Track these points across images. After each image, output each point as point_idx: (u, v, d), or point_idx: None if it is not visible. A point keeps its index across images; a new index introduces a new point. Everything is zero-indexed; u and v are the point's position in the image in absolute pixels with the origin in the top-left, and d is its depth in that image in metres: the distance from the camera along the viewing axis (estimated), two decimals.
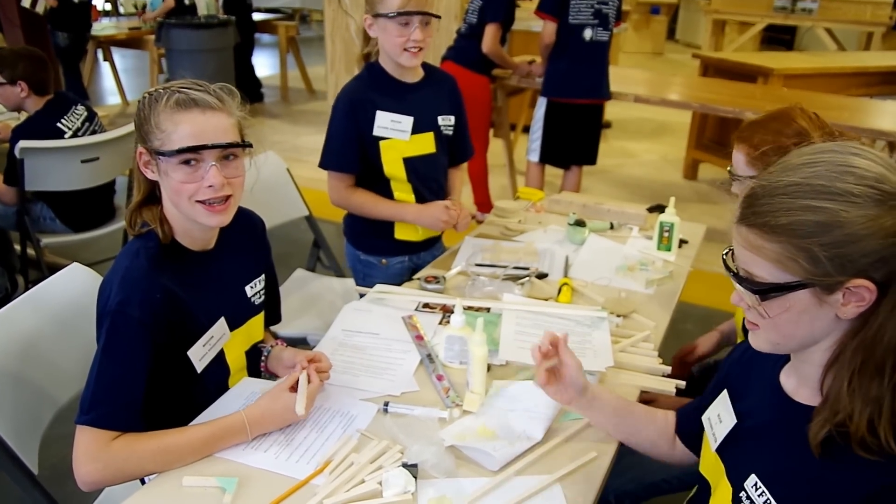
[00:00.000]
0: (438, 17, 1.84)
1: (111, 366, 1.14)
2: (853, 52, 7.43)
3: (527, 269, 1.85)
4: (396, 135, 1.90)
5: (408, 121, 1.90)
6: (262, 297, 1.44)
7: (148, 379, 1.17)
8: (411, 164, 1.94)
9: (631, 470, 1.52)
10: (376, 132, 1.89)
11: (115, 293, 1.16)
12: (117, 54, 7.34)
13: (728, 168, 1.57)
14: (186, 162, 1.17)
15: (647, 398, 1.68)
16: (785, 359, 0.97)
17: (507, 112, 4.50)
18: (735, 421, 1.02)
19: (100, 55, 7.23)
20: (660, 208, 2.21)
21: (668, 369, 1.48)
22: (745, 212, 0.86)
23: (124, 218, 1.27)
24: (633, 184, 5.02)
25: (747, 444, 0.99)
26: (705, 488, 1.09)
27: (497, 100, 4.30)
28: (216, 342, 1.30)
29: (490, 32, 3.63)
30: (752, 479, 0.93)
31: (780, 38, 9.76)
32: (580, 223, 2.09)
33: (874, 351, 0.81)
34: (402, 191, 1.97)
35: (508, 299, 1.68)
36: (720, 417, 1.06)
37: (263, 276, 1.44)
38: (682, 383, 1.44)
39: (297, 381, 1.24)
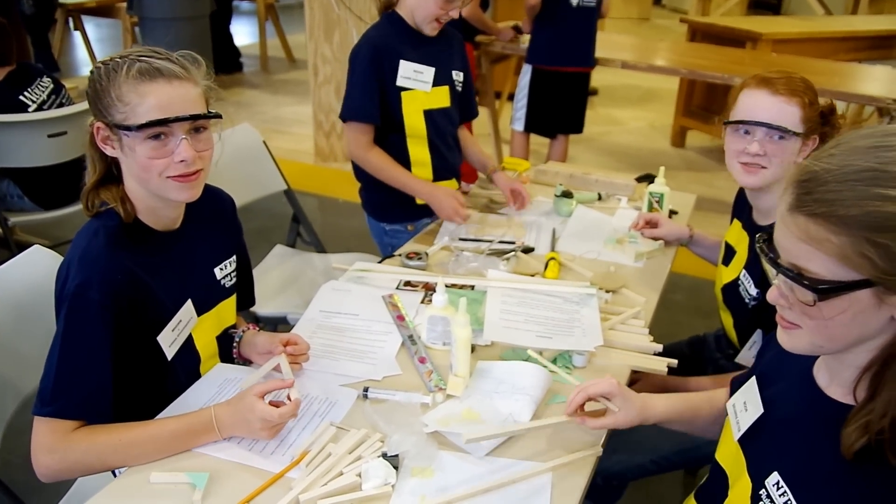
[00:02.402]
0: None
1: (72, 352, 1.07)
2: (841, 16, 7.34)
3: (512, 243, 1.79)
4: (419, 85, 1.89)
5: (430, 72, 1.89)
6: (234, 280, 1.37)
7: (114, 365, 1.10)
8: (431, 116, 1.92)
9: (616, 453, 1.48)
10: (399, 82, 1.86)
11: (73, 275, 1.08)
12: (89, 23, 7.10)
13: (773, 127, 1.38)
14: (155, 136, 1.09)
15: (633, 378, 1.63)
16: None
17: (491, 79, 4.40)
18: (762, 411, 0.95)
19: (71, 24, 7.01)
20: (649, 178, 2.15)
21: (660, 347, 1.43)
22: (805, 199, 0.75)
23: (81, 200, 1.17)
24: (620, 152, 4.95)
25: (772, 438, 0.92)
26: (719, 478, 1.02)
27: (481, 67, 4.20)
28: (184, 326, 1.22)
29: None
30: (775, 476, 0.87)
31: (767, 2, 9.64)
32: (567, 194, 2.03)
33: None
34: (419, 146, 1.94)
35: (493, 276, 1.61)
36: (746, 406, 0.99)
37: (234, 257, 1.37)
38: (675, 362, 1.40)
39: (270, 391, 1.12)
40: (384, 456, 1.06)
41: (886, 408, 0.75)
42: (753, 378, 1.01)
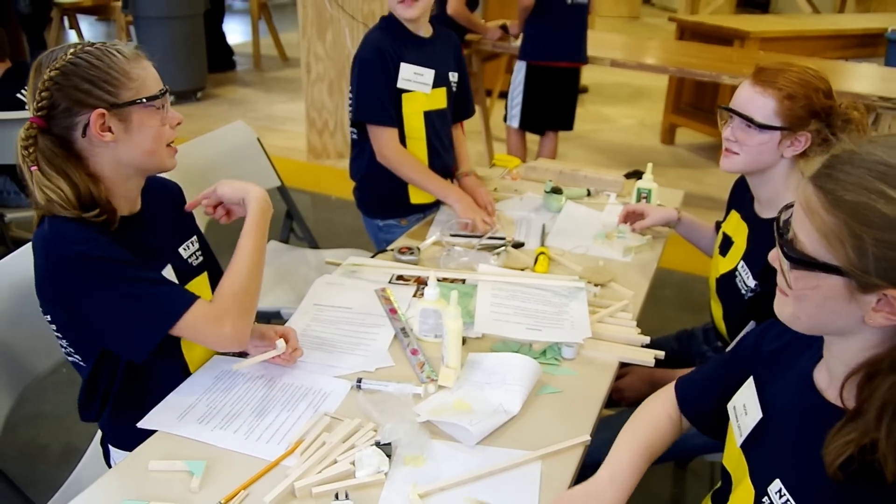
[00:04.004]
0: None
1: (125, 287, 1.11)
2: (829, 14, 7.40)
3: (503, 238, 1.82)
4: (419, 87, 1.91)
5: (429, 74, 1.91)
6: (200, 258, 1.40)
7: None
8: (430, 118, 1.96)
9: (606, 445, 1.50)
10: (400, 84, 1.89)
11: (58, 247, 1.10)
12: (84, 22, 7.10)
13: (744, 117, 1.42)
14: (160, 106, 1.18)
15: (621, 373, 1.66)
16: (820, 353, 0.88)
17: (482, 78, 4.43)
18: (761, 415, 0.94)
19: (66, 23, 7.00)
20: (637, 174, 2.18)
21: (647, 339, 1.47)
22: (822, 171, 0.77)
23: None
24: (610, 149, 4.99)
25: (773, 443, 0.91)
26: (728, 482, 1.02)
27: (472, 65, 4.23)
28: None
29: None
30: (777, 484, 0.86)
31: (756, 1, 9.71)
32: (557, 190, 2.06)
33: None
34: (417, 147, 1.97)
35: (484, 270, 1.64)
36: (746, 409, 0.97)
37: (195, 237, 1.40)
38: (661, 353, 1.43)
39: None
40: (377, 444, 1.09)
41: (869, 425, 0.74)
42: (751, 379, 1.00)
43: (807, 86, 1.40)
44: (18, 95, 2.65)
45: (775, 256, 0.83)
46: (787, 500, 0.84)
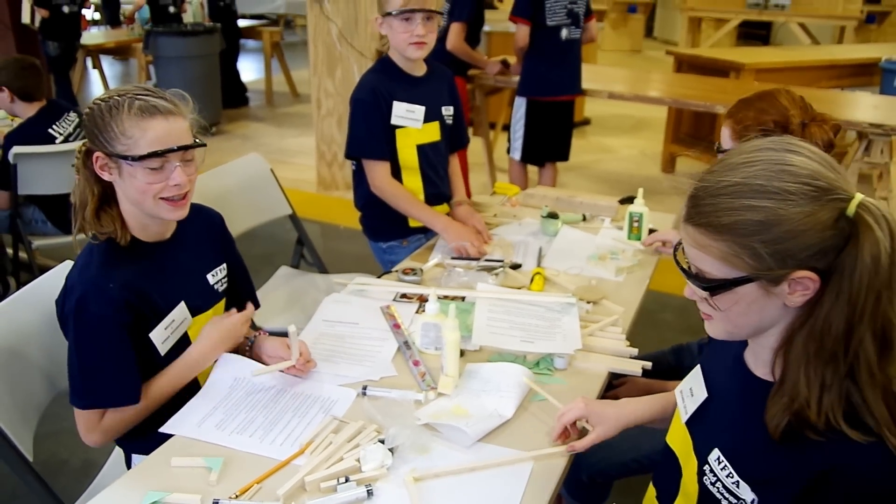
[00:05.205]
0: (440, 13, 1.99)
1: (87, 357, 1.26)
2: (825, 45, 7.56)
3: (501, 260, 1.92)
4: (411, 123, 2.06)
5: (420, 110, 2.06)
6: (225, 285, 1.52)
7: (134, 349, 1.29)
8: (423, 150, 2.10)
9: (601, 451, 1.58)
10: (394, 121, 2.04)
11: (71, 294, 1.26)
12: (105, 61, 7.38)
13: (716, 144, 1.65)
14: (153, 165, 1.25)
15: (620, 382, 1.75)
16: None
17: (486, 111, 4.58)
18: (706, 395, 1.05)
19: (89, 63, 7.29)
20: (631, 200, 2.29)
21: (636, 351, 1.55)
22: (691, 212, 0.89)
23: (79, 227, 1.32)
24: (612, 179, 5.11)
25: (713, 418, 1.03)
26: (671, 460, 1.13)
27: (475, 99, 4.38)
28: (178, 326, 1.37)
29: (454, 30, 3.71)
30: (716, 453, 0.97)
31: (755, 33, 9.90)
32: (553, 215, 2.17)
33: (823, 340, 0.84)
34: (412, 177, 2.11)
35: (482, 288, 1.75)
36: (692, 391, 1.09)
37: (225, 265, 1.52)
38: (649, 364, 1.51)
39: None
40: (381, 442, 1.19)
41: (797, 389, 0.85)
42: (698, 366, 1.12)
43: (766, 111, 1.55)
44: (50, 131, 2.84)
45: (691, 292, 0.95)
46: (725, 465, 0.95)
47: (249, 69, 8.78)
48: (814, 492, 0.85)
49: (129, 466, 1.45)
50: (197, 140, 1.32)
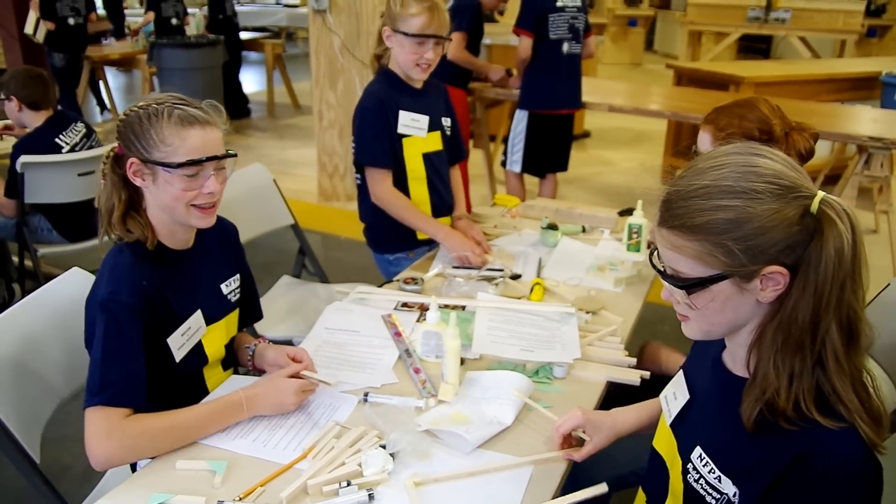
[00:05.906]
0: (450, 39, 2.04)
1: (114, 349, 1.24)
2: (825, 59, 7.62)
3: (501, 269, 1.95)
4: (416, 132, 2.11)
5: (424, 119, 2.12)
6: (238, 296, 1.55)
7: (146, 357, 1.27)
8: (428, 158, 2.15)
9: (600, 464, 1.60)
10: (400, 129, 2.09)
11: (104, 286, 1.27)
12: (109, 72, 7.45)
13: (693, 148, 1.67)
14: (190, 173, 1.29)
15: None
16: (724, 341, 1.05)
17: (486, 123, 4.61)
18: (688, 397, 1.09)
19: (94, 74, 7.34)
20: (630, 212, 2.31)
21: (633, 360, 1.57)
22: (665, 215, 0.93)
23: (106, 229, 1.33)
24: (612, 191, 5.14)
25: (695, 417, 1.07)
26: (657, 463, 1.16)
27: (476, 111, 4.42)
28: (193, 333, 1.39)
29: (455, 40, 3.74)
30: (698, 450, 1.01)
31: (756, 47, 9.97)
32: (553, 227, 2.19)
33: (791, 329, 0.88)
34: (419, 186, 2.15)
35: (482, 298, 1.77)
36: (675, 395, 1.13)
37: (238, 275, 1.55)
38: (647, 374, 1.53)
39: (292, 374, 1.36)
40: (382, 447, 1.21)
41: (767, 379, 0.89)
42: (681, 371, 1.16)
43: (745, 118, 1.57)
44: (57, 140, 2.88)
45: (668, 294, 0.98)
46: (707, 461, 0.99)
47: (251, 81, 8.86)
48: (789, 477, 0.88)
49: (133, 470, 1.47)
50: (228, 151, 1.36)
